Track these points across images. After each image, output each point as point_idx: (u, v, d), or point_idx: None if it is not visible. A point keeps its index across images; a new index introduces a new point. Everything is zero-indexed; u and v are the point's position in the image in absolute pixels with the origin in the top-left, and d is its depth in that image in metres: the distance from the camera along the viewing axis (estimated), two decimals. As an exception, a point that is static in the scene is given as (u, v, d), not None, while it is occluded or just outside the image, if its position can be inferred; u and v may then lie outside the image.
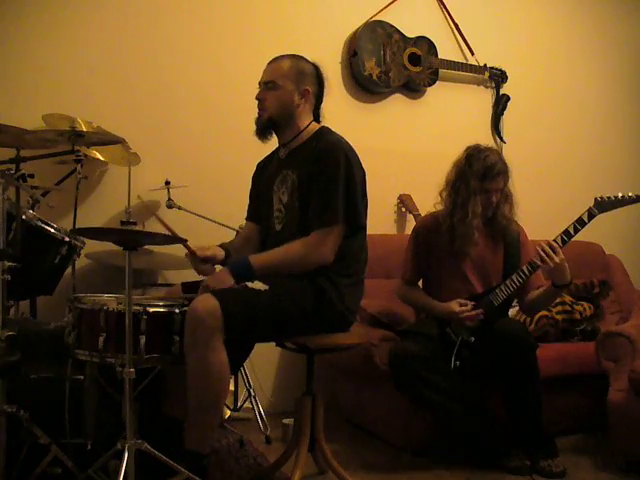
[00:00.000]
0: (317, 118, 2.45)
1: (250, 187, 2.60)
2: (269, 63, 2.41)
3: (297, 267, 2.24)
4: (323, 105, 2.47)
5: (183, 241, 2.21)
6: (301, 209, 2.30)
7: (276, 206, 2.39)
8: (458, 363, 2.68)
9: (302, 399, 2.37)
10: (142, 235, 2.23)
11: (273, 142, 2.50)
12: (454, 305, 2.76)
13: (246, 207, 2.62)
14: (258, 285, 2.17)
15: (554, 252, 2.63)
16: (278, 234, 2.38)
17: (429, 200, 2.98)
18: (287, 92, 2.34)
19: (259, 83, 2.40)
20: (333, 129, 2.42)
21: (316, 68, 2.42)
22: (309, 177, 2.28)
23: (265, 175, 2.52)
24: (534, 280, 2.81)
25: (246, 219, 2.61)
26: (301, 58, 2.41)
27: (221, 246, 2.44)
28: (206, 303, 2.05)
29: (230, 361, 2.09)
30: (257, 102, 2.38)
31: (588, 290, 3.60)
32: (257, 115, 2.39)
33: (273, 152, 2.54)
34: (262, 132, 2.39)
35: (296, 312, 2.20)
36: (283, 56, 2.40)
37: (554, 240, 2.68)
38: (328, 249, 2.24)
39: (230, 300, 2.09)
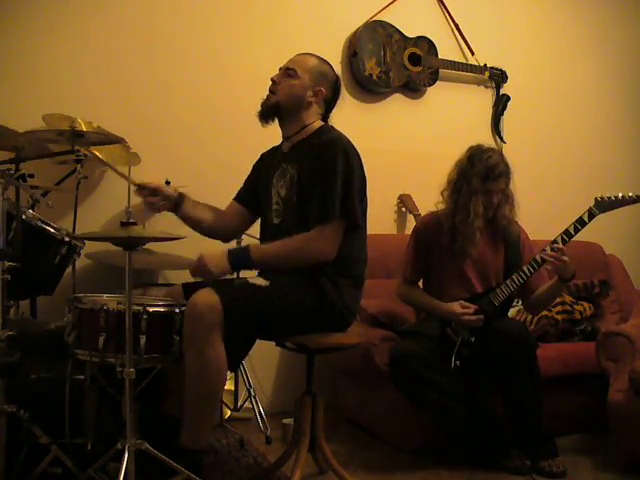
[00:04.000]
0: (325, 120, 2.46)
1: (250, 172, 2.59)
2: (297, 54, 2.45)
3: (296, 261, 2.24)
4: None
5: (125, 177, 2.20)
6: (299, 204, 2.30)
7: (274, 199, 2.39)
8: (458, 363, 2.68)
9: (302, 399, 2.37)
10: (141, 238, 2.22)
11: (274, 141, 2.51)
12: (456, 306, 2.76)
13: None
14: (259, 281, 2.17)
15: (559, 252, 2.64)
16: (276, 227, 2.38)
17: (429, 200, 2.99)
18: (302, 84, 2.37)
19: (280, 68, 2.42)
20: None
21: (337, 78, 2.46)
22: (308, 172, 2.28)
23: (266, 167, 2.51)
24: (539, 280, 2.81)
25: (233, 199, 2.58)
26: (328, 64, 2.46)
27: (180, 192, 2.41)
28: (207, 298, 2.05)
29: (230, 358, 2.09)
30: (270, 83, 2.39)
31: (588, 290, 3.60)
32: (265, 97, 2.39)
33: (277, 146, 2.54)
34: (265, 115, 2.39)
35: (296, 309, 2.20)
36: (313, 54, 2.45)
37: (554, 240, 2.69)
38: (327, 244, 2.23)
39: (231, 295, 2.09)
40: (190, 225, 2.47)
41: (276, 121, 2.42)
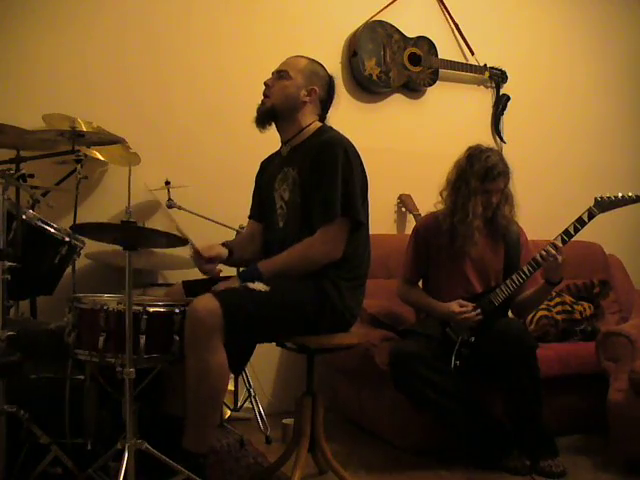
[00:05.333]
0: (322, 121, 2.46)
1: (254, 186, 2.61)
2: (289, 57, 2.45)
3: (305, 266, 2.24)
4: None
5: (188, 241, 2.22)
6: (303, 205, 2.30)
7: (278, 204, 2.40)
8: (458, 363, 2.68)
9: (302, 399, 2.37)
10: (143, 232, 2.22)
11: (273, 141, 2.51)
12: (454, 306, 2.76)
13: (246, 207, 2.62)
14: (259, 286, 2.17)
15: (558, 252, 2.64)
16: (281, 231, 2.38)
17: (429, 200, 2.99)
18: (295, 85, 2.37)
19: (272, 73, 2.42)
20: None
21: (330, 77, 2.46)
22: (309, 172, 2.28)
23: (267, 173, 2.52)
24: (530, 281, 2.81)
25: (249, 217, 2.62)
26: (319, 64, 2.46)
27: (224, 245, 2.45)
28: (206, 303, 2.05)
29: (232, 362, 2.09)
30: (264, 88, 2.40)
31: (588, 290, 3.60)
32: (260, 102, 2.40)
33: (276, 151, 2.54)
34: (262, 120, 2.39)
35: (297, 313, 2.20)
36: (304, 56, 2.45)
37: (554, 240, 2.69)
38: (333, 244, 2.24)
39: (231, 301, 2.09)
40: (237, 266, 2.54)
41: (274, 125, 2.42)
